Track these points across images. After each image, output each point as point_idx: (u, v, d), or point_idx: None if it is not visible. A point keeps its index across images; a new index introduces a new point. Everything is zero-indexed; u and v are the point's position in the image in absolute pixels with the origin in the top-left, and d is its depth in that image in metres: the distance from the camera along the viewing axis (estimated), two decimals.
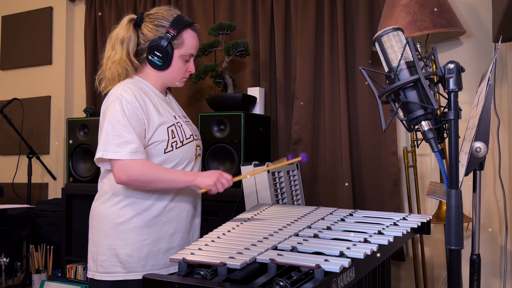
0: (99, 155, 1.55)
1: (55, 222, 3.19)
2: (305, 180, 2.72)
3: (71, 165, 2.97)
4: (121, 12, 3.42)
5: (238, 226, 1.49)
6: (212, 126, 2.58)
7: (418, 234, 1.97)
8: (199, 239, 1.34)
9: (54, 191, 3.75)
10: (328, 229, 1.42)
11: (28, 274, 3.15)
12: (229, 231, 1.42)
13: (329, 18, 2.78)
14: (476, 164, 1.29)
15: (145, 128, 1.59)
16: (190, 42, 1.69)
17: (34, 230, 3.21)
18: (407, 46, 1.24)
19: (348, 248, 1.19)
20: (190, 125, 1.79)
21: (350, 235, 1.31)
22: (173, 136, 1.64)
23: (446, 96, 1.18)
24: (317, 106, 2.82)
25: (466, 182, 2.08)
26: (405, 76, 1.24)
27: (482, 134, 1.25)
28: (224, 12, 3.10)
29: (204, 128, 2.59)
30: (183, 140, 1.68)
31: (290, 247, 1.21)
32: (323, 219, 1.55)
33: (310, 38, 2.81)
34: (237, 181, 1.69)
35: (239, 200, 2.26)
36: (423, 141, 1.26)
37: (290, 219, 1.54)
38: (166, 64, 1.67)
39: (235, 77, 2.96)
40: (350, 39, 2.76)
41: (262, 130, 2.73)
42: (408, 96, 1.24)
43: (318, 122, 2.82)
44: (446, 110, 1.17)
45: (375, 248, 1.21)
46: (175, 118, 1.70)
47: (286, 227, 1.44)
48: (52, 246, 3.11)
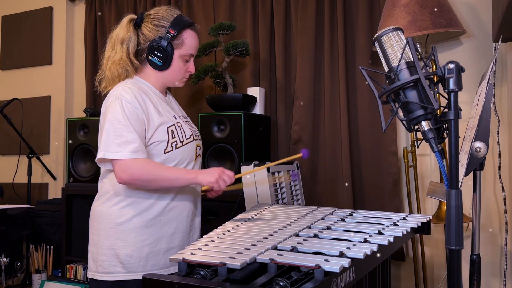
0: (101, 156, 1.55)
1: (55, 222, 3.19)
2: (305, 180, 2.72)
3: (71, 165, 2.97)
4: (121, 12, 3.42)
5: (238, 226, 1.49)
6: (212, 126, 2.58)
7: (418, 234, 1.97)
8: (199, 239, 1.34)
9: (54, 191, 3.74)
10: (328, 229, 1.42)
11: (28, 274, 3.15)
12: (229, 231, 1.42)
13: (329, 18, 2.78)
14: (476, 164, 1.29)
15: (145, 128, 1.59)
16: (190, 42, 1.70)
17: (34, 230, 3.21)
18: (407, 46, 1.24)
19: (348, 248, 1.19)
20: (190, 125, 1.79)
21: (350, 235, 1.32)
22: (173, 136, 1.64)
23: (446, 96, 1.18)
24: (317, 106, 2.82)
25: (466, 182, 2.08)
26: (405, 76, 1.24)
27: (482, 134, 1.25)
28: (224, 12, 3.10)
29: (204, 128, 2.59)
30: (183, 140, 1.68)
31: (290, 247, 1.21)
32: (323, 219, 1.55)
33: (310, 38, 2.81)
34: (238, 178, 1.70)
35: (239, 200, 2.26)
36: (423, 141, 1.26)
37: (290, 219, 1.54)
38: (166, 64, 1.67)
39: (235, 77, 2.95)
40: (350, 39, 2.76)
41: (262, 130, 2.73)
42: (408, 96, 1.24)
43: (318, 122, 2.82)
44: (446, 110, 1.17)
45: (375, 248, 1.21)
46: (175, 118, 1.70)
47: (286, 227, 1.44)
48: (52, 246, 3.11)
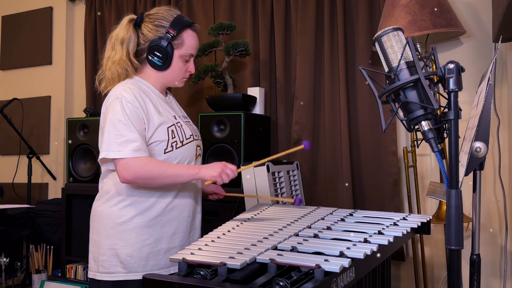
0: (103, 155, 1.55)
1: (55, 222, 3.19)
2: (305, 180, 2.72)
3: (71, 165, 2.97)
4: (121, 12, 3.42)
5: (238, 226, 1.49)
6: (212, 126, 2.58)
7: (418, 234, 1.97)
8: (199, 239, 1.34)
9: (54, 191, 3.75)
10: (328, 229, 1.42)
11: (28, 274, 3.15)
12: (229, 231, 1.42)
13: (329, 18, 2.78)
14: (476, 164, 1.29)
15: (145, 127, 1.59)
16: (190, 42, 1.70)
17: (34, 230, 3.21)
18: (407, 46, 1.24)
19: (348, 248, 1.19)
20: (190, 125, 1.78)
21: (350, 235, 1.31)
22: (173, 136, 1.64)
23: (446, 96, 1.18)
24: (317, 106, 2.82)
25: (466, 182, 2.08)
26: (405, 76, 1.24)
27: (482, 134, 1.25)
28: (224, 12, 3.10)
29: (204, 128, 2.59)
30: (183, 140, 1.68)
31: (290, 247, 1.21)
32: (323, 219, 1.55)
33: (310, 38, 2.81)
34: (239, 176, 1.70)
35: (239, 200, 2.26)
36: (423, 141, 1.26)
37: (290, 219, 1.54)
38: (166, 64, 1.67)
39: (235, 77, 2.95)
40: (350, 39, 2.76)
41: (262, 130, 2.73)
42: (408, 96, 1.24)
43: (318, 122, 2.82)
44: (446, 110, 1.17)
45: (375, 248, 1.21)
46: (175, 118, 1.70)
47: (286, 227, 1.44)
48: (52, 246, 3.11)
